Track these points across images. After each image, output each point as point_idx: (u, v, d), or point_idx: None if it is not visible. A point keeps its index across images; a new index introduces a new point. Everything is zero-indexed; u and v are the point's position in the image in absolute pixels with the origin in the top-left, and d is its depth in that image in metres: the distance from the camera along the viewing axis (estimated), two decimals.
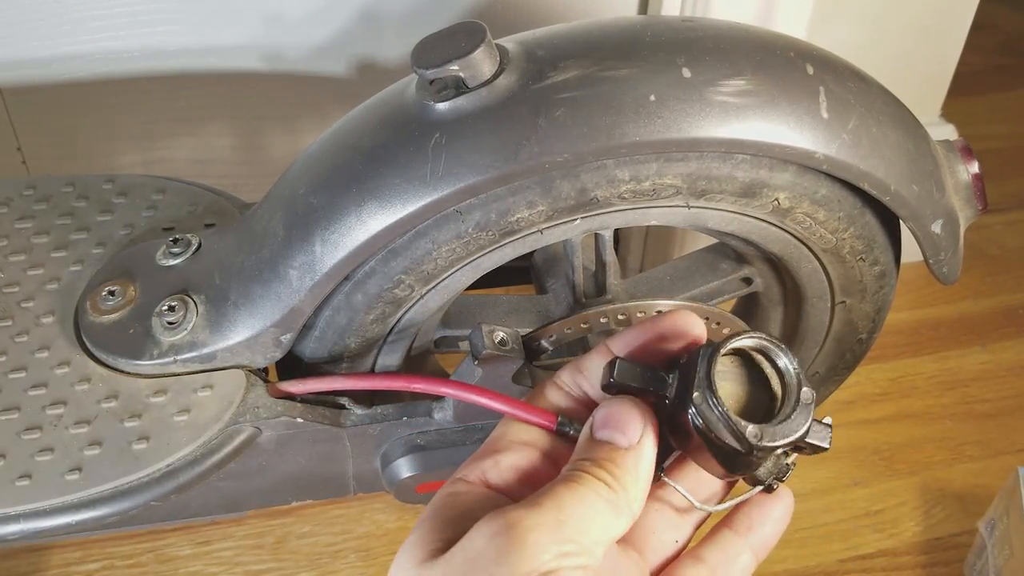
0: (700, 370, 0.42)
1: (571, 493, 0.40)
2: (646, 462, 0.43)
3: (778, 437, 0.42)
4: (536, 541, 0.38)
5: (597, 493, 0.41)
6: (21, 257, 0.69)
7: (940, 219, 0.62)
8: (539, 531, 0.38)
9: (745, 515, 0.46)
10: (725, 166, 0.58)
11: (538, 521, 0.38)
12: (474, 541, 0.39)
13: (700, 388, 0.42)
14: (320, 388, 0.62)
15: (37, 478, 0.58)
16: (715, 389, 0.42)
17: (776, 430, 0.42)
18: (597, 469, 0.42)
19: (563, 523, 0.39)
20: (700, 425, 0.42)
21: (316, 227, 0.57)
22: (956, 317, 1.12)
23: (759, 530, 0.46)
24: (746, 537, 0.46)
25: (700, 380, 0.42)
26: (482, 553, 0.38)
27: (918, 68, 1.05)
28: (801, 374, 0.43)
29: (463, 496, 0.43)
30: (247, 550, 0.89)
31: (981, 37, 1.14)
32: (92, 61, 0.86)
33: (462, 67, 0.53)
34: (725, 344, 0.43)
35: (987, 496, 0.87)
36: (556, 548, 0.38)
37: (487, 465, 0.44)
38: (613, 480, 0.41)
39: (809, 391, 0.43)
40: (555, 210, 0.58)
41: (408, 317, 0.64)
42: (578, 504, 0.40)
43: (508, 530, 0.38)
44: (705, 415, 0.42)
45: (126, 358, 0.62)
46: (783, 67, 0.56)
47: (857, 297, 0.69)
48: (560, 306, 0.71)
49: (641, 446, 0.42)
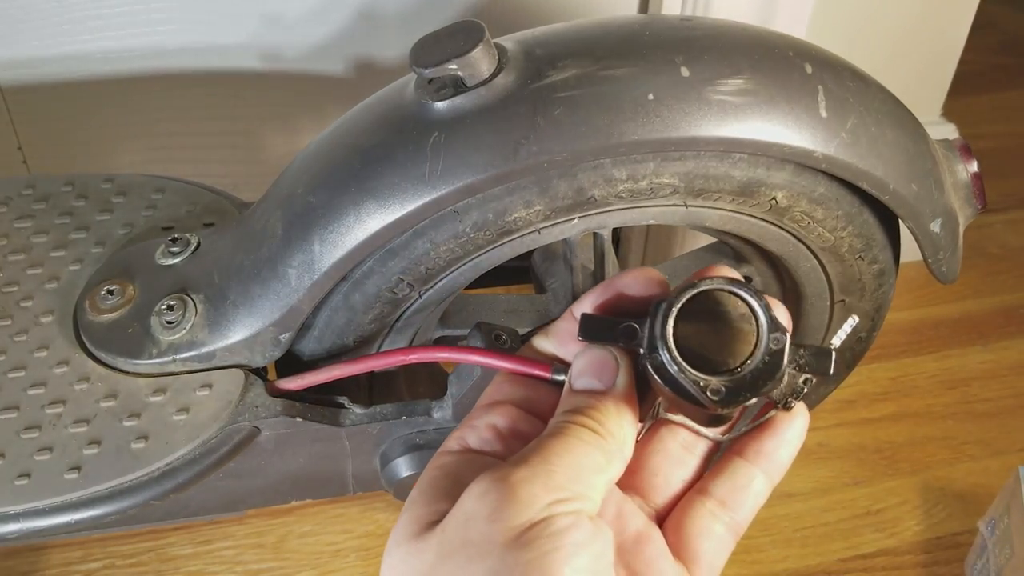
0: (656, 328, 0.41)
1: (558, 443, 0.40)
2: (627, 403, 0.42)
3: (744, 391, 0.39)
4: (527, 492, 0.38)
5: (583, 440, 0.40)
6: (20, 256, 0.69)
7: (939, 218, 0.62)
8: (529, 483, 0.38)
9: (755, 439, 0.44)
10: (723, 165, 0.58)
11: (527, 474, 0.39)
12: (465, 504, 0.39)
13: (656, 347, 0.40)
14: (318, 380, 0.62)
15: (36, 477, 0.58)
16: (670, 347, 0.40)
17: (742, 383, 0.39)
18: (581, 417, 0.41)
19: (552, 472, 0.39)
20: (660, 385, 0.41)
21: (315, 226, 0.57)
22: (957, 316, 1.12)
23: (772, 454, 0.44)
24: (757, 463, 0.44)
25: (655, 338, 0.41)
26: (474, 513, 0.38)
27: (918, 67, 1.05)
28: (770, 317, 0.40)
29: (449, 465, 0.43)
30: (247, 549, 0.89)
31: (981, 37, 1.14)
32: (92, 60, 0.86)
33: (461, 66, 0.53)
34: (680, 297, 0.41)
35: (988, 495, 0.87)
36: (548, 497, 0.38)
37: (466, 432, 0.44)
38: (598, 425, 0.41)
39: (780, 335, 0.40)
40: (552, 209, 0.58)
41: (407, 317, 0.64)
42: (566, 453, 0.40)
43: (497, 486, 0.38)
44: (664, 374, 0.40)
45: (125, 357, 0.62)
46: (782, 66, 0.56)
47: (856, 296, 0.69)
48: (559, 305, 0.71)
49: (619, 387, 0.42)
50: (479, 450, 0.44)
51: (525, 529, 0.37)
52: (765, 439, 0.44)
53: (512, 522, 0.37)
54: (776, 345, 0.40)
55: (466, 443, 0.44)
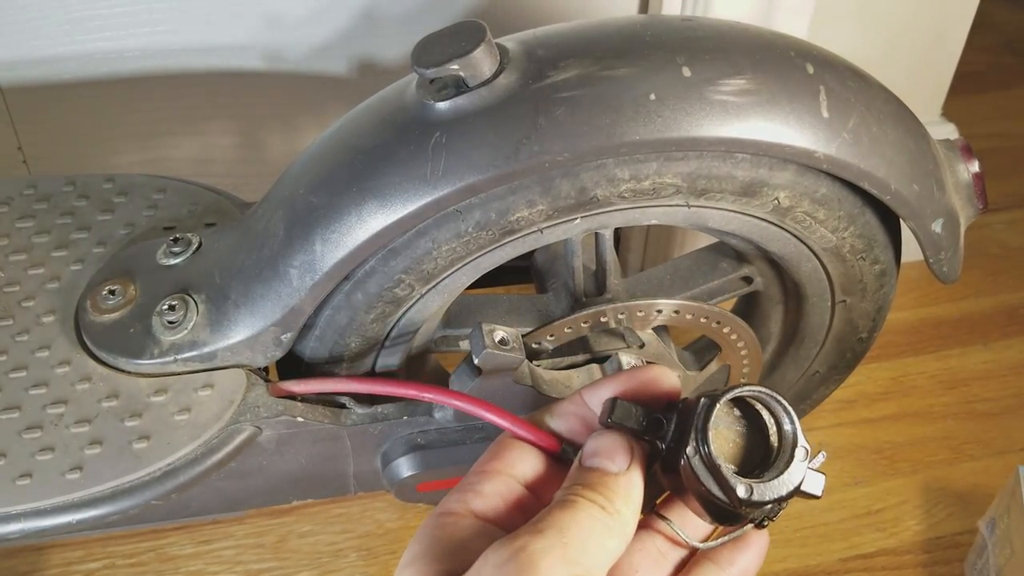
0: (697, 422, 0.42)
1: (569, 516, 0.41)
2: (636, 488, 0.43)
3: (768, 494, 0.42)
4: (547, 566, 0.38)
5: (592, 516, 0.41)
6: (22, 256, 0.69)
7: (940, 218, 0.62)
8: (548, 555, 0.38)
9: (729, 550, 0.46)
10: (725, 165, 0.58)
11: (544, 546, 0.39)
12: (482, 572, 0.39)
13: (695, 441, 0.42)
14: (324, 389, 0.62)
15: (38, 477, 0.58)
16: (709, 444, 0.42)
17: (767, 487, 0.42)
18: (590, 492, 0.42)
19: (567, 545, 0.39)
20: (692, 477, 0.42)
21: (316, 226, 0.57)
22: (957, 316, 1.12)
23: (740, 562, 0.46)
24: (727, 570, 0.46)
25: (695, 433, 0.42)
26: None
27: (919, 67, 1.05)
28: (798, 430, 0.43)
29: (452, 527, 0.43)
30: (248, 549, 0.89)
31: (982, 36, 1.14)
32: (93, 60, 0.86)
33: (462, 66, 0.53)
34: (723, 396, 0.43)
35: (988, 495, 0.87)
36: (566, 571, 0.38)
37: (469, 496, 0.44)
38: (607, 502, 0.42)
39: (803, 448, 0.43)
40: (555, 209, 0.58)
41: (408, 316, 0.64)
42: (576, 527, 0.40)
43: (516, 556, 0.38)
44: (697, 469, 0.42)
45: (126, 357, 0.62)
46: (783, 66, 0.56)
47: (857, 296, 0.69)
48: (560, 305, 0.71)
49: (631, 472, 0.43)
50: (483, 517, 0.44)
51: None
52: (739, 551, 0.46)
53: None
54: (800, 457, 0.43)
55: (470, 508, 0.44)
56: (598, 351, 0.70)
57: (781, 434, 0.44)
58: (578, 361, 0.70)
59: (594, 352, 0.70)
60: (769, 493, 0.42)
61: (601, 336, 0.70)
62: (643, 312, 0.67)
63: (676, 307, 0.67)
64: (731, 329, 0.70)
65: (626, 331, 0.70)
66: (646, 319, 0.67)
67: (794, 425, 0.43)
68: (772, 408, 0.44)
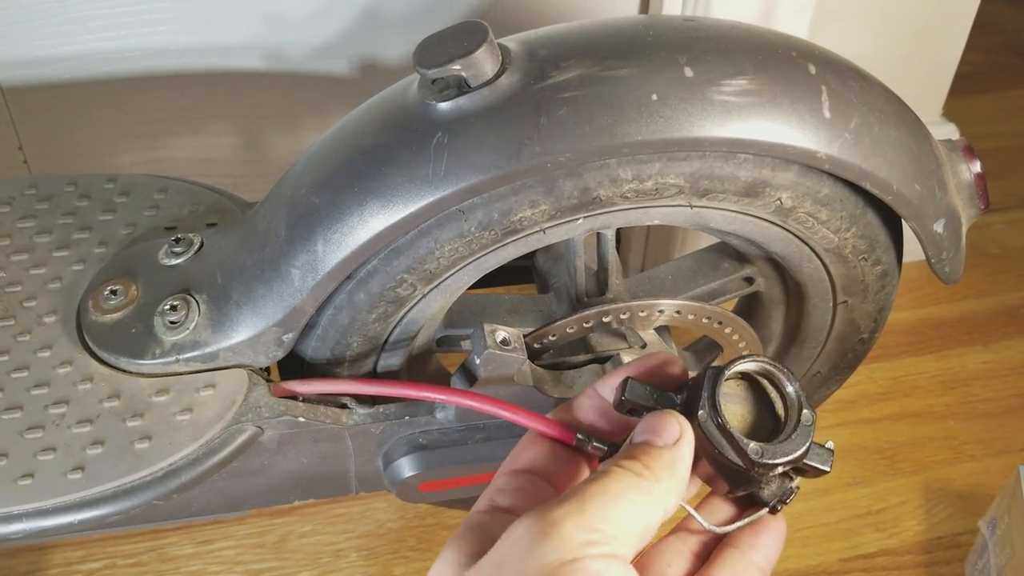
0: (706, 390, 0.44)
1: (597, 485, 0.41)
2: (682, 461, 0.43)
3: (779, 455, 0.44)
4: (560, 532, 0.38)
5: (623, 482, 0.41)
6: (23, 256, 0.69)
7: (942, 218, 0.62)
8: (562, 522, 0.39)
9: (749, 534, 0.47)
10: (727, 165, 0.58)
11: (561, 514, 0.39)
12: (501, 546, 0.40)
13: (705, 407, 0.44)
14: (325, 390, 0.62)
15: (39, 477, 0.58)
16: (720, 408, 0.44)
17: (777, 448, 0.44)
18: (628, 461, 0.42)
19: (584, 511, 0.39)
20: (705, 443, 0.44)
21: (318, 226, 0.57)
22: (958, 316, 1.12)
23: (762, 547, 0.47)
24: (749, 554, 0.46)
25: (705, 400, 0.44)
26: (508, 554, 0.39)
27: (919, 67, 1.05)
28: (803, 397, 0.45)
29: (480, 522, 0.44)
30: (248, 549, 0.89)
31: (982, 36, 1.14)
32: (94, 60, 0.86)
33: (464, 66, 0.53)
34: (731, 366, 0.45)
35: (988, 495, 0.87)
36: (580, 537, 0.38)
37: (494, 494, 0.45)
38: (644, 469, 0.42)
39: (810, 413, 0.45)
40: (558, 209, 0.58)
41: (410, 316, 0.64)
42: (601, 494, 0.40)
43: (532, 526, 0.39)
44: (710, 433, 0.44)
45: (128, 357, 0.62)
46: (785, 67, 0.56)
47: (859, 297, 0.69)
48: (562, 305, 0.71)
49: (678, 446, 0.43)
50: (507, 509, 0.44)
51: (555, 567, 0.38)
52: (759, 533, 0.47)
53: (544, 560, 0.38)
54: (808, 421, 0.45)
55: (495, 503, 0.45)
56: (600, 351, 0.70)
57: (787, 404, 0.46)
58: (580, 361, 0.70)
59: (596, 352, 0.70)
60: (780, 454, 0.44)
61: (603, 336, 0.70)
62: (645, 312, 0.67)
63: (678, 307, 0.67)
64: (733, 329, 0.70)
65: (628, 331, 0.70)
66: (648, 319, 0.67)
67: (799, 393, 0.45)
68: (777, 381, 0.46)
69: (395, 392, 0.59)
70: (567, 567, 0.38)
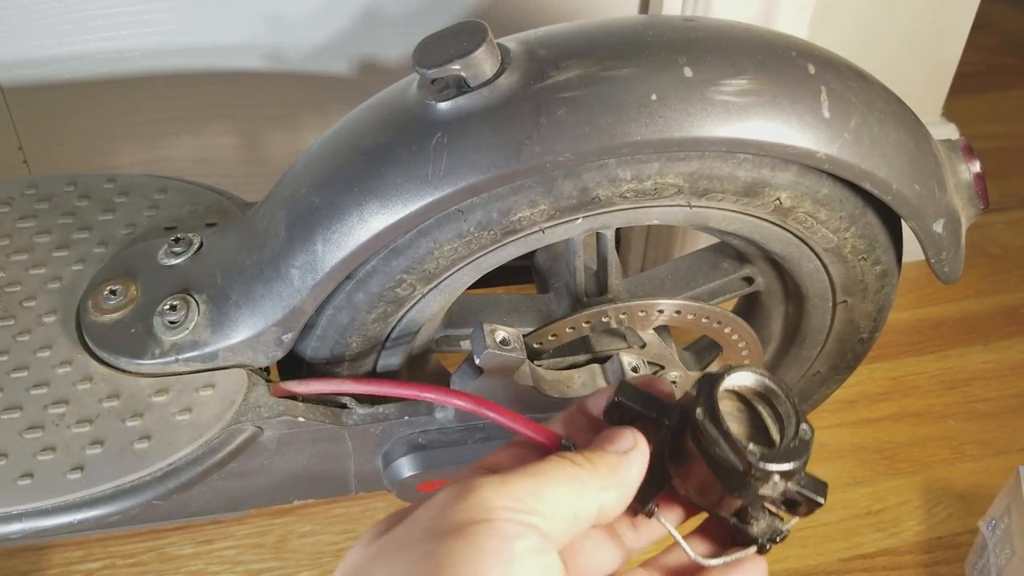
0: (703, 391, 0.44)
1: (529, 467, 0.40)
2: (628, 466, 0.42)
3: (777, 460, 0.43)
4: (478, 495, 0.38)
5: (557, 467, 0.40)
6: (23, 256, 0.69)
7: (942, 218, 0.62)
8: (484, 487, 0.38)
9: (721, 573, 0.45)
10: (727, 165, 0.58)
11: (485, 480, 0.38)
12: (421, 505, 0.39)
13: (703, 406, 0.43)
14: (325, 390, 0.62)
15: (39, 477, 0.58)
16: (718, 408, 0.43)
17: (775, 454, 0.43)
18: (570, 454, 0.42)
19: (508, 482, 0.38)
20: (702, 442, 0.43)
21: (318, 226, 0.57)
22: (958, 316, 1.12)
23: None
24: None
25: (703, 400, 0.43)
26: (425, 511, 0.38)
27: (919, 67, 1.05)
28: (800, 411, 0.45)
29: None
30: (248, 549, 0.89)
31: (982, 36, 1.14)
32: (94, 61, 0.86)
33: (464, 66, 0.53)
34: (729, 372, 0.45)
35: (988, 495, 0.87)
36: (499, 502, 0.37)
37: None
38: (583, 460, 0.41)
39: (808, 428, 0.44)
40: (557, 209, 0.58)
41: (410, 316, 0.64)
42: (532, 473, 0.39)
43: (453, 489, 0.38)
44: (707, 431, 0.43)
45: (128, 357, 0.62)
46: (785, 67, 0.56)
47: (859, 296, 0.69)
48: (561, 305, 0.71)
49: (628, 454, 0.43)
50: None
51: (463, 525, 0.36)
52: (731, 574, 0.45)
53: (453, 519, 0.37)
54: (805, 436, 0.44)
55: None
56: (599, 351, 0.70)
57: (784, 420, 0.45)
58: (579, 361, 0.70)
59: (595, 352, 0.70)
60: (778, 459, 0.43)
61: (602, 336, 0.70)
62: (644, 312, 0.67)
63: (677, 307, 0.67)
64: (732, 329, 0.70)
65: (627, 331, 0.70)
66: (647, 319, 0.67)
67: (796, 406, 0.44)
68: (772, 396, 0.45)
69: (392, 392, 0.59)
70: (477, 526, 0.36)
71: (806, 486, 0.44)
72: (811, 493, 0.44)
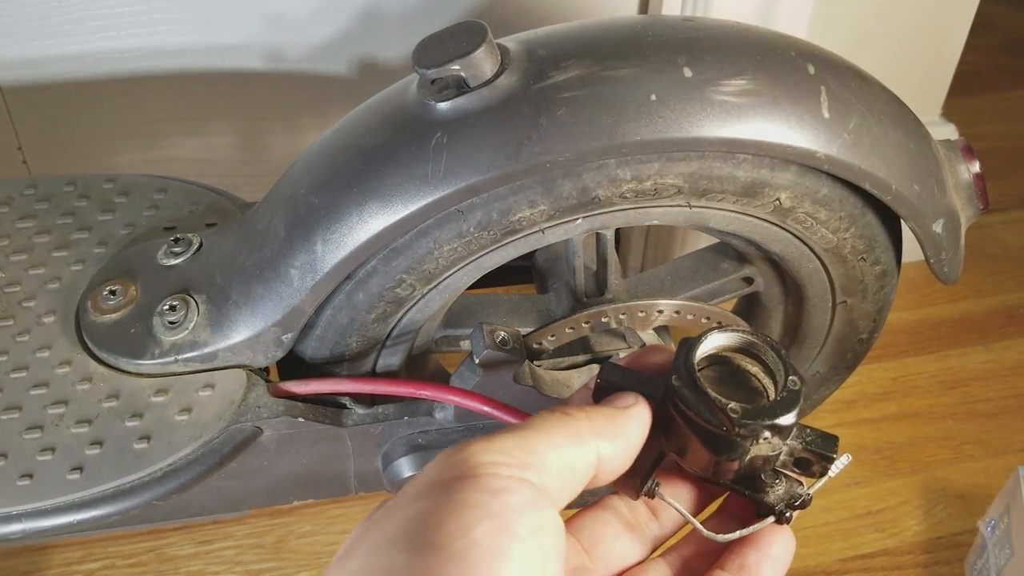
0: (678, 357, 0.42)
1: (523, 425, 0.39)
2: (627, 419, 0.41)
3: (762, 416, 0.40)
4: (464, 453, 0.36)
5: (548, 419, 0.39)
6: (22, 256, 0.69)
7: (941, 218, 0.62)
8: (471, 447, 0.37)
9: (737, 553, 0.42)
10: (726, 166, 0.58)
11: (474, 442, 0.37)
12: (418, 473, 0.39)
13: (677, 371, 0.42)
14: (324, 390, 0.62)
15: (39, 477, 0.58)
16: (694, 371, 0.41)
17: (760, 410, 0.40)
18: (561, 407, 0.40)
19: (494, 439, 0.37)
20: (682, 409, 0.41)
21: (317, 226, 0.57)
22: (957, 316, 1.12)
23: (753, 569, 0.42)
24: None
25: (678, 366, 0.42)
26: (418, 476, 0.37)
27: (919, 67, 1.05)
28: (788, 363, 0.42)
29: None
30: (248, 549, 0.89)
31: (981, 36, 1.14)
32: (93, 60, 0.86)
33: (463, 67, 0.53)
34: (705, 334, 0.43)
35: (988, 495, 0.87)
36: (485, 458, 0.36)
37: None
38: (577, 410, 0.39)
39: (797, 379, 0.42)
40: (557, 209, 0.58)
41: (410, 316, 0.64)
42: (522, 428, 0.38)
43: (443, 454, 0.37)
44: (685, 397, 0.41)
45: (127, 357, 0.62)
46: (784, 67, 0.56)
47: (858, 297, 0.69)
48: (561, 305, 0.71)
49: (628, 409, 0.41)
50: None
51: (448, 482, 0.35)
52: (748, 552, 0.42)
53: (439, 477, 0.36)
54: (794, 386, 0.42)
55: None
56: (599, 351, 0.70)
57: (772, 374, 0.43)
58: (579, 361, 0.70)
59: (595, 352, 0.70)
60: (763, 415, 0.40)
61: (602, 336, 0.70)
62: (644, 312, 0.67)
63: (677, 307, 0.67)
64: None
65: (627, 331, 0.70)
66: (647, 319, 0.67)
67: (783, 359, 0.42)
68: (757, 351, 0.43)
69: (392, 391, 0.59)
70: (462, 482, 0.35)
71: (813, 442, 0.42)
72: (819, 448, 0.42)
